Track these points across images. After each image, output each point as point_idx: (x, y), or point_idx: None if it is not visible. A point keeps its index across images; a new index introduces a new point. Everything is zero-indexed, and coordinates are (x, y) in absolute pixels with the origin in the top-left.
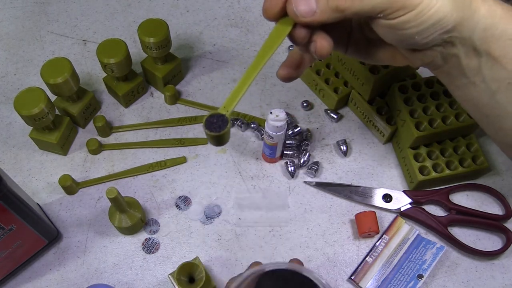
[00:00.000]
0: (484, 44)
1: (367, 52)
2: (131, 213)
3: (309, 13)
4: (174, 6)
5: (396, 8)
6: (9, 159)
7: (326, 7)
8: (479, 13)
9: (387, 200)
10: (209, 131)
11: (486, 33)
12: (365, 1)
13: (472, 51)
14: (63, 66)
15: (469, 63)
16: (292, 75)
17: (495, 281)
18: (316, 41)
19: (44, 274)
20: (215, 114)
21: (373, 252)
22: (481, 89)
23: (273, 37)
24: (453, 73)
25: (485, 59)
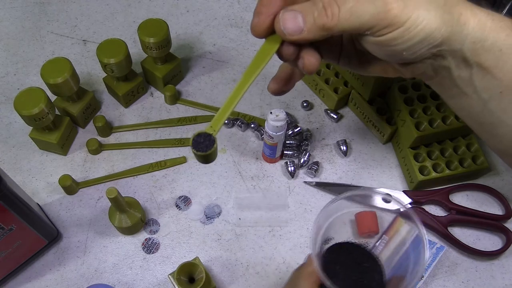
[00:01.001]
0: (474, 56)
1: (359, 64)
2: (131, 213)
3: (297, 31)
4: (174, 6)
5: (383, 25)
6: (9, 159)
7: (313, 26)
8: (468, 26)
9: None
10: (196, 151)
11: (476, 45)
12: (351, 19)
13: (463, 63)
14: (63, 66)
15: (460, 74)
16: (283, 89)
17: (495, 281)
18: (304, 57)
19: (44, 274)
20: (202, 133)
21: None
22: (473, 98)
23: (261, 55)
24: (445, 84)
25: (476, 70)
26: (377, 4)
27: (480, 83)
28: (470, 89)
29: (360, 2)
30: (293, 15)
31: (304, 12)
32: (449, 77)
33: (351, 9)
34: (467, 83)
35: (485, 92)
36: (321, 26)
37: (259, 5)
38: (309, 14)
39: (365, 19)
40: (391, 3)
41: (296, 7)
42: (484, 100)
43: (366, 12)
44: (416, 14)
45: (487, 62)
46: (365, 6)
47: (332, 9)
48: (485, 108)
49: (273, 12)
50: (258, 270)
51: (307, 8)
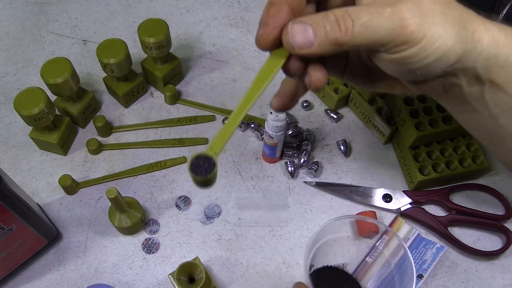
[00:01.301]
0: (487, 72)
1: (364, 80)
2: (131, 213)
3: (306, 45)
4: (174, 6)
5: (398, 42)
6: (9, 159)
7: (325, 40)
8: (482, 43)
9: (387, 200)
10: (195, 175)
11: (489, 62)
12: (365, 35)
13: (475, 80)
14: (63, 66)
15: (471, 91)
16: (287, 106)
17: (495, 281)
18: (311, 73)
19: (44, 274)
20: (201, 155)
21: (373, 252)
22: (484, 114)
23: (266, 70)
24: (455, 100)
25: (488, 87)
26: (394, 19)
27: (492, 99)
28: (481, 105)
29: (375, 17)
30: (303, 27)
31: (314, 24)
32: (459, 94)
33: (366, 23)
34: (478, 100)
35: (497, 108)
36: (333, 41)
37: (265, 16)
38: (320, 27)
39: (380, 34)
40: (407, 19)
41: (306, 19)
42: (495, 116)
43: (382, 27)
44: (433, 31)
45: (499, 78)
46: (380, 21)
47: (346, 23)
48: (496, 123)
49: (280, 24)
50: (258, 270)
51: (318, 21)
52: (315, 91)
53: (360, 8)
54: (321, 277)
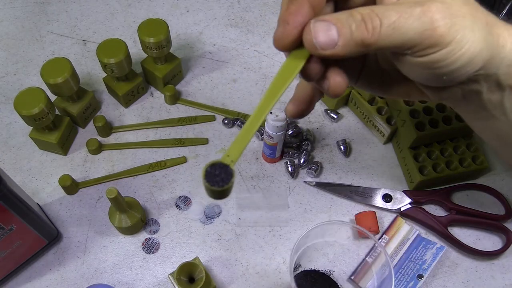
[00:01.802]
0: (508, 79)
1: (380, 86)
2: (131, 213)
3: (330, 46)
4: (174, 6)
5: (427, 45)
6: (9, 159)
7: (350, 40)
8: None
9: (387, 200)
10: (210, 185)
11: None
12: (393, 36)
13: (495, 87)
14: (63, 66)
15: (491, 98)
16: (304, 112)
17: (495, 281)
18: (330, 78)
19: (44, 274)
20: (217, 163)
21: (373, 252)
22: (502, 121)
23: (284, 72)
24: (472, 108)
25: (508, 93)
26: (424, 20)
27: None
28: (499, 111)
29: (404, 17)
30: (326, 26)
31: (339, 23)
32: (478, 101)
33: (394, 23)
34: (496, 106)
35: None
36: (359, 42)
37: (285, 13)
38: (345, 26)
39: (409, 36)
40: (438, 20)
41: (330, 17)
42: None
43: (411, 28)
44: (462, 34)
45: None
46: (410, 22)
47: (373, 23)
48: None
49: (301, 22)
50: (258, 270)
51: (343, 20)
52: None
53: (388, 7)
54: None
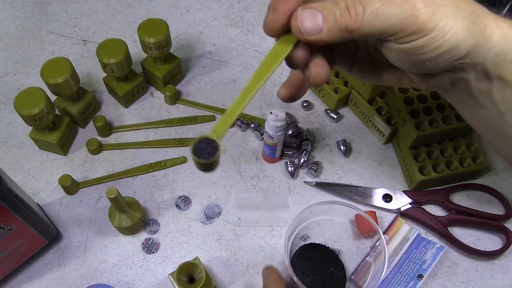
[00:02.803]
0: (495, 68)
1: (372, 73)
2: (131, 213)
3: (315, 31)
4: (174, 6)
5: (409, 32)
6: (9, 159)
7: (334, 26)
8: (493, 38)
9: (387, 200)
10: (198, 158)
11: (498, 58)
12: (376, 23)
13: (483, 76)
14: (63, 66)
15: (479, 87)
16: (295, 96)
17: (495, 281)
18: (311, 68)
19: (44, 274)
20: (204, 138)
21: (373, 252)
22: (491, 110)
23: (272, 56)
24: (461, 96)
25: (496, 83)
26: (405, 8)
27: (499, 95)
28: (488, 101)
29: (386, 4)
30: (312, 13)
31: (324, 10)
32: (467, 90)
33: (377, 10)
34: (485, 96)
35: (504, 105)
36: (342, 28)
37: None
38: (330, 13)
39: (391, 22)
40: (419, 8)
41: (316, 5)
42: (502, 112)
43: (393, 15)
44: (444, 22)
45: (508, 75)
46: (392, 9)
47: (356, 10)
48: (501, 120)
49: (290, 9)
50: (258, 270)
51: (328, 7)
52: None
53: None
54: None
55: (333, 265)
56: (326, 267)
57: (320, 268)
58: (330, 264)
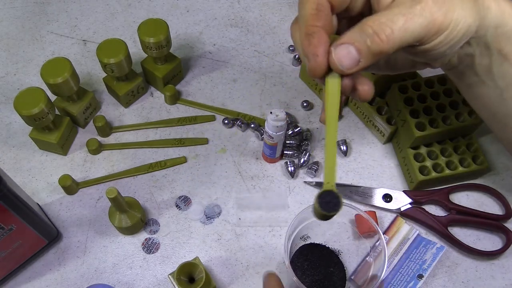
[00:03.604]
0: (495, 42)
1: (387, 66)
2: (131, 213)
3: (354, 64)
4: (174, 6)
5: (431, 34)
6: (9, 159)
7: (369, 54)
8: (491, 11)
9: (387, 200)
10: (328, 212)
11: (497, 31)
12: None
13: (485, 50)
14: (63, 66)
15: (481, 61)
16: None
17: (495, 281)
18: (359, 89)
19: (44, 274)
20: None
21: (373, 252)
22: (490, 87)
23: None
24: (466, 72)
25: (495, 57)
26: (425, 15)
27: (498, 70)
28: (489, 77)
29: (409, 17)
30: (346, 49)
31: (356, 42)
32: (471, 65)
33: (404, 26)
34: (486, 71)
35: (502, 80)
36: (377, 52)
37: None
38: (361, 43)
39: (417, 32)
40: (436, 12)
41: (345, 39)
42: (501, 89)
43: (417, 25)
44: (456, 15)
45: (506, 48)
46: (415, 21)
47: (386, 32)
48: (501, 97)
49: (326, 50)
50: (258, 270)
51: (358, 38)
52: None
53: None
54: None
55: (333, 265)
56: (326, 267)
57: (320, 268)
58: (330, 264)
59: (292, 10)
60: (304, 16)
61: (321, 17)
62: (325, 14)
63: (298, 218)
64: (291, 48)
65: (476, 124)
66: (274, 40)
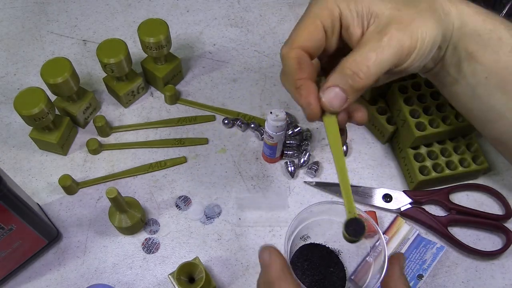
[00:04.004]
0: (461, 41)
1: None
2: (131, 213)
3: (343, 102)
4: (174, 6)
5: (403, 57)
6: (9, 159)
7: (353, 90)
8: (451, 14)
9: (387, 200)
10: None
11: (461, 31)
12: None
13: (453, 50)
14: (63, 66)
15: (452, 62)
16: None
17: (495, 281)
18: (355, 116)
19: (44, 274)
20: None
21: (373, 252)
22: (463, 85)
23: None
24: (440, 73)
25: (463, 56)
26: (393, 45)
27: (468, 69)
28: (460, 76)
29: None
30: (333, 92)
31: (339, 84)
32: (444, 66)
33: (377, 60)
34: (457, 70)
35: (472, 78)
36: (360, 88)
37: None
38: (345, 84)
39: (390, 61)
40: (402, 39)
41: (330, 83)
42: (472, 86)
43: (389, 56)
44: (421, 32)
45: (470, 47)
46: (386, 52)
47: (363, 70)
48: (474, 94)
49: (316, 97)
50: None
51: (339, 80)
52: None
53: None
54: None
55: (333, 265)
56: (326, 267)
57: (320, 268)
58: (330, 264)
59: (292, 10)
60: (290, 72)
61: (304, 69)
62: (306, 65)
63: (298, 218)
64: None
65: None
66: (274, 40)
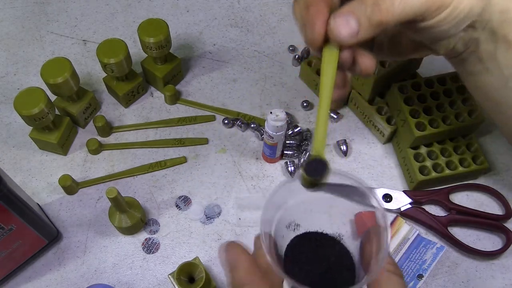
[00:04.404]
0: (500, 28)
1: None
2: (131, 213)
3: (353, 35)
4: (174, 6)
5: (433, 9)
6: (9, 159)
7: (368, 25)
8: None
9: (387, 200)
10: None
11: (502, 16)
12: (405, 10)
13: (490, 35)
14: (63, 66)
15: (487, 48)
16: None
17: (495, 281)
18: (360, 62)
19: (44, 274)
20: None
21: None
22: (495, 75)
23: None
24: (470, 60)
25: (501, 44)
26: None
27: (504, 58)
28: (494, 64)
29: None
30: (344, 19)
31: (355, 13)
32: (476, 52)
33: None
34: (491, 58)
35: (507, 69)
36: (377, 23)
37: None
38: (361, 14)
39: (417, 6)
40: None
41: (345, 10)
42: (506, 77)
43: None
44: None
45: (510, 35)
46: None
47: (386, 3)
48: (505, 86)
49: (324, 20)
50: None
51: (357, 8)
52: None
53: None
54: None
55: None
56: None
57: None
58: (333, 253)
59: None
60: None
61: None
62: None
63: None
64: (291, 48)
65: (476, 124)
66: (274, 40)
